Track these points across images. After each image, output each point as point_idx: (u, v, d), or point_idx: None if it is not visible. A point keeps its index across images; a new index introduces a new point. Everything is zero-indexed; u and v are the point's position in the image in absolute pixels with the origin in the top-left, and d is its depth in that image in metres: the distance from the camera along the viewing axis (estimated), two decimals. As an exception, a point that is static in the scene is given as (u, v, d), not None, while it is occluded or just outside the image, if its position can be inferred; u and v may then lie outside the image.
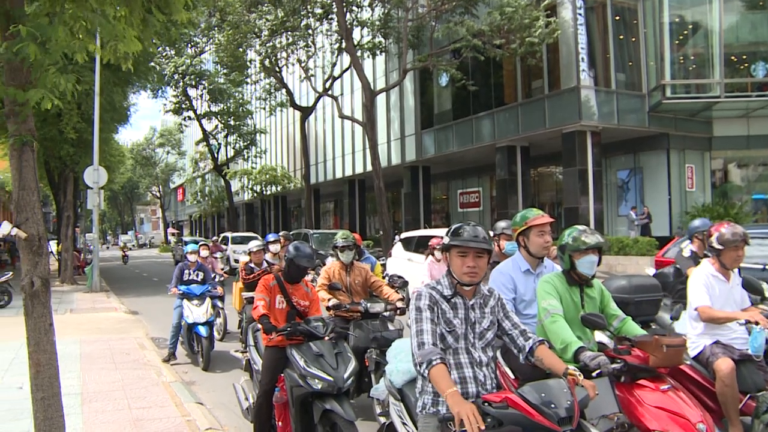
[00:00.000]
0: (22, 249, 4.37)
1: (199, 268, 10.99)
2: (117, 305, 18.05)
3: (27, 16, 4.18)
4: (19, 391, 7.95)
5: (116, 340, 12.06)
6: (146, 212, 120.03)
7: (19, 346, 10.46)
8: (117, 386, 8.35)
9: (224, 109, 46.48)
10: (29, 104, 4.15)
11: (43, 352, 4.47)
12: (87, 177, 22.16)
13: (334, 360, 5.31)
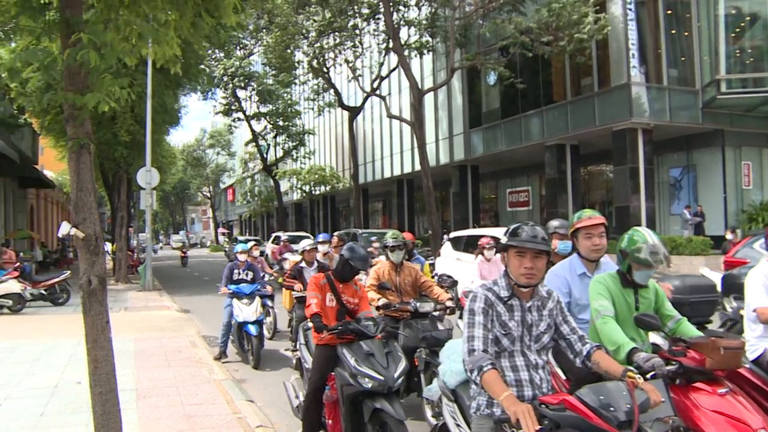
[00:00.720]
0: (80, 248, 4.50)
1: (249, 268, 11.10)
2: (169, 304, 18.38)
3: (85, 24, 4.29)
4: (78, 385, 8.17)
5: (169, 338, 12.28)
6: (197, 212, 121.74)
7: (77, 343, 10.75)
8: (170, 383, 8.52)
9: (273, 110, 46.94)
10: (86, 108, 4.26)
11: (100, 348, 4.59)
12: (140, 178, 22.62)
13: (384, 359, 5.29)
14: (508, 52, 27.38)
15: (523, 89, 28.29)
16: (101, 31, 4.16)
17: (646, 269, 4.42)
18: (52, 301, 17.48)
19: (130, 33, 4.45)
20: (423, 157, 28.64)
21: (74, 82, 4.35)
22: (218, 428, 6.55)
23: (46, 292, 17.43)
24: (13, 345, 11.36)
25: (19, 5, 4.35)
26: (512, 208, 35.70)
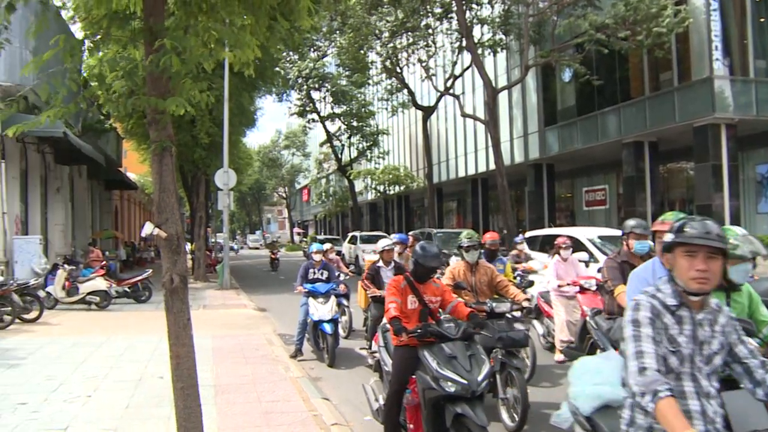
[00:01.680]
0: (162, 248, 4.64)
1: (324, 267, 11.19)
2: (246, 302, 18.76)
3: (166, 30, 4.44)
4: (160, 380, 8.42)
5: (246, 335, 12.54)
6: (273, 212, 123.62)
7: (159, 339, 11.09)
8: (247, 380, 8.70)
9: (347, 110, 47.37)
10: (168, 112, 4.40)
11: (182, 345, 4.73)
12: (218, 179, 23.16)
13: (467, 362, 5.20)
14: (584, 49, 26.86)
15: (599, 86, 27.68)
16: (182, 37, 4.28)
17: (743, 263, 4.11)
18: (135, 298, 18.08)
19: (209, 38, 4.58)
20: (497, 156, 28.40)
21: (156, 87, 4.50)
22: (294, 425, 6.66)
23: (130, 289, 18.05)
24: (100, 340, 11.82)
25: (109, 17, 4.53)
26: (589, 207, 35.01)
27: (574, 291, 9.62)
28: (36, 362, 9.89)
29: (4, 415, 6.97)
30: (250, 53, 4.67)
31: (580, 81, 27.82)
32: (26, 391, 8.01)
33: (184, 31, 4.55)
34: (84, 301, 16.61)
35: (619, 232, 8.08)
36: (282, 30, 5.06)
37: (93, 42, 4.75)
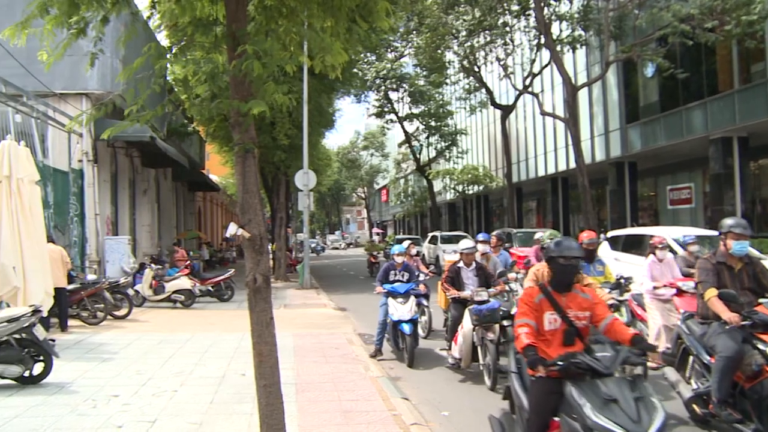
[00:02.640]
0: (246, 248, 4.75)
1: (405, 269, 11.11)
2: (326, 302, 18.98)
3: (248, 35, 4.54)
4: (243, 377, 8.61)
5: (326, 334, 12.69)
6: (352, 213, 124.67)
7: (241, 337, 11.36)
8: (327, 378, 8.80)
9: (425, 110, 47.31)
10: (251, 115, 4.50)
11: (265, 343, 4.82)
12: (298, 180, 23.53)
13: (633, 407, 3.95)
14: (667, 42, 26.02)
15: (683, 80, 26.74)
16: (263, 41, 4.38)
17: None
18: (218, 297, 18.56)
19: (290, 41, 4.66)
20: (578, 155, 27.85)
21: (239, 90, 4.60)
22: (374, 424, 6.70)
23: (213, 288, 18.54)
24: (185, 337, 12.18)
25: (193, 24, 4.67)
26: (673, 206, 33.93)
27: (671, 293, 9.12)
28: (127, 357, 10.28)
29: (99, 405, 7.31)
30: (339, 57, 4.73)
31: (664, 75, 26.90)
32: (118, 384, 8.35)
33: (265, 35, 4.64)
34: (169, 299, 17.15)
35: (706, 232, 7.77)
36: (360, 32, 5.11)
37: (178, 48, 4.91)
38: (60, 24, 4.58)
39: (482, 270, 9.83)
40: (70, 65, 16.52)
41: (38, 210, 11.29)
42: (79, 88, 18.32)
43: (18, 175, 10.61)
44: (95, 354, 10.57)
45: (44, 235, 11.59)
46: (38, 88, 16.67)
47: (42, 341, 8.36)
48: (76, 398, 7.63)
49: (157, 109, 4.87)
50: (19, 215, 10.46)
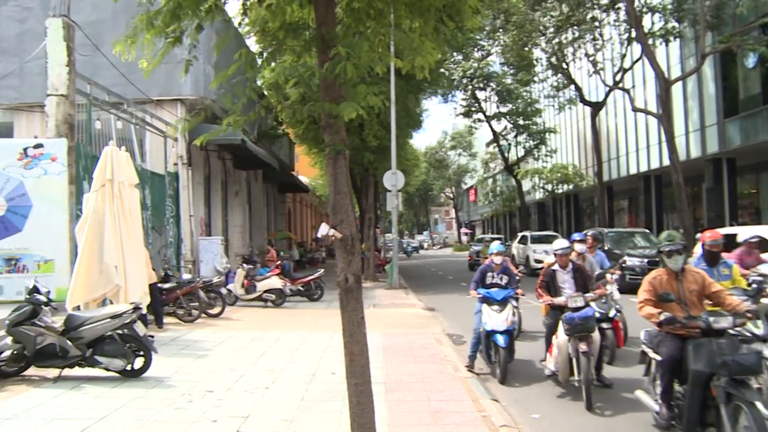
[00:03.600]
0: (337, 248, 4.81)
1: (504, 272, 9.92)
2: (415, 302, 19.00)
3: (338, 38, 4.60)
4: (332, 376, 8.72)
5: (415, 334, 12.70)
6: (440, 213, 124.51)
7: (330, 336, 11.50)
8: (417, 378, 8.80)
9: (513, 109, 46.78)
10: (342, 117, 4.56)
11: (356, 343, 4.87)
12: (386, 181, 23.67)
13: None
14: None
15: (789, 70, 25.46)
16: (354, 43, 4.43)
17: None
18: (308, 296, 18.85)
19: (378, 43, 4.70)
20: (672, 152, 26.92)
21: (330, 92, 4.67)
22: (463, 425, 6.66)
23: (303, 288, 18.83)
24: (277, 335, 12.43)
25: (284, 29, 4.78)
26: (777, 204, 32.41)
27: None
28: (220, 354, 10.57)
29: (195, 400, 7.56)
30: (430, 57, 4.74)
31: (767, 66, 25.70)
32: (212, 380, 8.61)
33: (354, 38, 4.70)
34: (261, 298, 17.54)
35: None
36: (448, 31, 5.11)
37: (269, 53, 5.03)
38: (159, 34, 4.77)
39: (580, 272, 8.92)
40: (165, 73, 17.14)
41: (137, 212, 11.79)
42: (174, 95, 19.00)
43: (119, 179, 11.10)
44: (190, 350, 10.92)
45: (142, 236, 12.08)
46: (137, 96, 17.37)
47: (142, 337, 8.71)
48: (174, 392, 7.91)
49: (250, 114, 5.00)
50: (120, 217, 10.94)
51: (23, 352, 8.54)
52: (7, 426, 6.66)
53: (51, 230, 13.04)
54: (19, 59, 17.83)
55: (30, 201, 13.20)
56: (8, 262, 13.11)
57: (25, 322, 8.52)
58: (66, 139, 13.23)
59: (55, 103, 13.25)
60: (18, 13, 19.27)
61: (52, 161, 13.19)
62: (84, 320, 8.66)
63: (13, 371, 8.66)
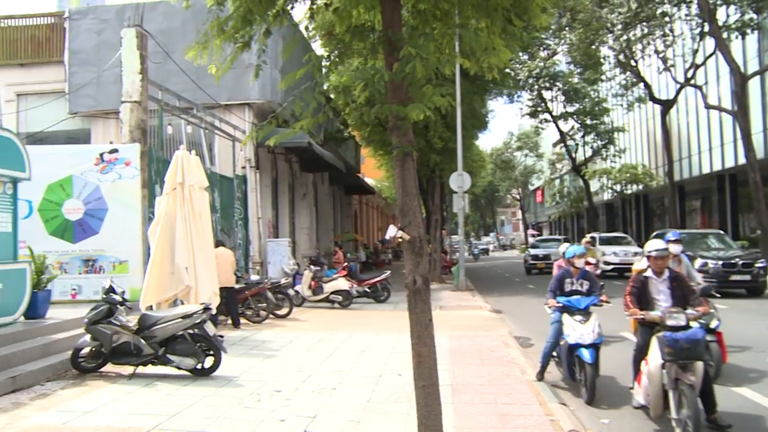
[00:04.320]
0: (405, 250, 4.82)
1: (584, 276, 8.85)
2: (481, 304, 18.87)
3: (404, 40, 4.61)
4: (399, 377, 8.73)
5: (482, 337, 12.61)
6: (506, 214, 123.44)
7: (397, 338, 11.51)
8: (483, 381, 8.73)
9: (580, 108, 45.99)
10: (409, 118, 4.56)
11: (424, 345, 4.87)
12: (452, 182, 23.60)
13: None
14: None
15: None
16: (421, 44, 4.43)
17: None
18: (374, 298, 18.91)
19: (446, 44, 4.69)
20: (749, 149, 26.01)
21: (397, 94, 4.68)
22: (531, 429, 6.58)
23: (370, 289, 18.91)
24: (343, 336, 12.51)
25: (350, 32, 4.81)
26: None
27: None
28: (288, 354, 10.70)
29: (263, 399, 7.67)
30: (503, 55, 4.71)
31: None
32: (280, 380, 8.72)
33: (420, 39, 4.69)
34: (328, 299, 17.69)
35: None
36: (516, 31, 5.06)
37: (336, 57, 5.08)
38: (228, 39, 4.88)
39: (678, 281, 7.16)
40: (234, 77, 17.50)
41: (207, 214, 12.06)
42: (242, 99, 19.38)
43: (189, 182, 11.36)
44: (259, 351, 11.09)
45: (212, 238, 12.35)
46: (206, 101, 17.77)
47: (212, 337, 8.90)
48: (243, 391, 8.05)
49: (318, 117, 5.05)
50: (191, 219, 11.20)
51: (100, 349, 8.90)
52: (87, 419, 6.91)
53: (125, 232, 13.48)
54: (97, 69, 18.53)
55: (106, 204, 13.67)
56: (86, 263, 13.60)
57: (102, 321, 8.85)
58: (139, 144, 13.65)
59: (129, 109, 13.70)
60: (95, 26, 20.00)
61: (126, 165, 13.63)
62: (156, 320, 8.91)
63: (92, 367, 9.02)
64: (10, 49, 20.98)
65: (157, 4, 19.30)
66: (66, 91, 19.90)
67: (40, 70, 20.73)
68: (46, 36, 20.93)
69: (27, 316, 10.42)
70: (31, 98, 20.56)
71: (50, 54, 20.68)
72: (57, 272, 12.74)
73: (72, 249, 13.70)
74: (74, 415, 7.01)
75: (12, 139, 10.51)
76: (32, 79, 20.76)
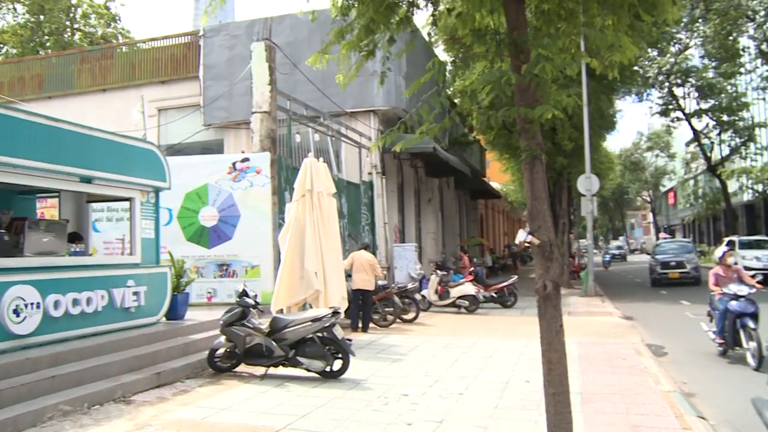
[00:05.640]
0: (535, 255, 4.75)
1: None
2: (612, 310, 18.30)
3: (529, 41, 4.55)
4: (527, 384, 8.60)
5: (612, 344, 12.22)
6: (636, 217, 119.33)
7: (525, 344, 11.37)
8: (615, 390, 8.45)
9: (715, 105, 43.69)
10: (537, 121, 4.50)
11: (554, 351, 4.77)
12: (580, 185, 23.05)
13: None
14: None
15: None
16: (548, 45, 4.36)
17: None
18: (501, 303, 18.74)
19: (570, 43, 4.59)
20: None
21: (524, 97, 4.63)
22: (668, 441, 6.32)
23: (496, 295, 18.75)
24: (470, 342, 12.46)
25: (473, 35, 4.81)
26: None
27: None
28: (415, 359, 10.77)
29: (391, 403, 7.76)
30: (629, 52, 4.58)
31: None
32: (407, 384, 8.79)
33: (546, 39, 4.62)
34: (454, 304, 17.68)
35: None
36: (645, 27, 4.89)
37: (461, 61, 5.09)
38: (353, 48, 4.99)
39: None
40: (358, 85, 17.83)
41: (335, 220, 12.35)
42: (366, 106, 19.70)
43: (318, 189, 11.67)
44: (386, 354, 11.22)
45: (340, 243, 12.63)
46: (332, 109, 18.21)
47: (341, 340, 9.08)
48: (370, 395, 8.16)
49: (444, 122, 5.08)
50: (320, 225, 11.50)
51: (234, 350, 9.29)
52: (223, 415, 7.25)
53: (257, 238, 14.02)
54: (228, 82, 19.42)
55: (238, 211, 14.26)
56: (220, 267, 14.23)
57: (236, 323, 9.24)
58: (269, 153, 14.16)
59: (259, 119, 14.24)
60: (227, 41, 20.99)
61: (257, 174, 14.16)
62: (287, 323, 9.20)
63: (226, 367, 9.44)
64: (152, 68, 22.52)
65: (284, 18, 19.98)
66: (201, 104, 20.98)
67: (178, 86, 22.00)
68: (183, 54, 22.24)
69: (168, 317, 11.02)
70: (171, 112, 21.85)
71: (187, 70, 21.92)
72: (194, 276, 13.38)
73: (207, 254, 14.38)
74: (212, 412, 7.36)
75: (155, 152, 11.17)
76: (171, 94, 22.07)
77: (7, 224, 9.52)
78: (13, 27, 39.38)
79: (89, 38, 39.78)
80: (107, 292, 9.61)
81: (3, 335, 7.85)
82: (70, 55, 25.44)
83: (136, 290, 10.17)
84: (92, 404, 7.46)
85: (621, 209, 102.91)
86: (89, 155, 9.49)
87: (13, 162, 8.12)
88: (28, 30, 39.02)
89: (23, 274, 8.33)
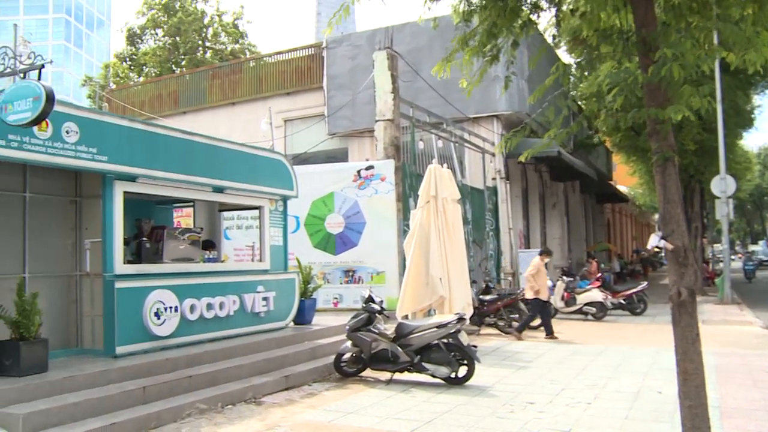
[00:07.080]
0: (669, 260, 4.57)
1: None
2: (751, 319, 17.26)
3: (659, 38, 4.39)
4: (659, 395, 8.27)
5: (752, 355, 11.53)
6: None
7: (656, 352, 10.97)
8: (758, 405, 7.95)
9: None
10: (669, 121, 4.34)
11: (690, 361, 4.57)
12: (714, 187, 21.92)
13: None
14: None
15: None
16: (677, 43, 4.19)
17: None
18: (630, 310, 18.11)
19: (705, 38, 4.39)
20: None
21: (654, 97, 4.47)
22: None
23: (625, 301, 18.14)
24: (598, 349, 12.12)
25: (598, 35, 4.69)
26: None
27: None
28: (540, 366, 10.58)
29: (516, 411, 7.64)
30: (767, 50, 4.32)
31: None
32: (533, 391, 8.64)
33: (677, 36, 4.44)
34: (581, 311, 17.25)
35: None
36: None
37: (586, 62, 4.97)
38: (476, 53, 4.98)
39: None
40: (481, 90, 17.71)
41: (460, 226, 12.35)
42: (489, 111, 19.59)
43: (442, 195, 11.71)
44: (511, 361, 11.08)
45: (464, 249, 12.61)
46: (455, 115, 18.21)
47: (466, 347, 9.05)
48: (496, 402, 8.08)
49: (572, 126, 4.98)
50: (444, 231, 11.54)
51: (360, 355, 9.44)
52: (349, 419, 7.37)
53: (382, 244, 14.22)
54: (351, 92, 19.83)
55: (363, 218, 14.52)
56: (346, 273, 14.53)
57: (362, 329, 9.39)
58: (393, 160, 14.34)
59: (383, 127, 14.45)
60: (350, 52, 21.44)
61: (381, 181, 14.37)
62: (413, 329, 9.26)
63: (353, 372, 9.60)
64: (279, 80, 23.36)
65: (405, 26, 20.17)
66: (325, 114, 21.53)
67: (303, 96, 22.68)
68: (307, 66, 22.93)
69: (296, 321, 11.36)
70: (296, 123, 22.56)
71: (311, 81, 22.57)
72: (321, 282, 13.72)
73: (334, 260, 14.72)
74: (338, 415, 7.50)
75: (282, 161, 11.56)
76: (297, 105, 22.78)
77: (148, 233, 10.11)
78: (154, 49, 41.87)
79: (219, 55, 41.69)
80: (238, 297, 10.02)
81: (146, 336, 8.37)
82: (202, 72, 26.82)
83: (265, 296, 10.55)
84: (225, 404, 7.80)
85: (761, 212, 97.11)
86: (221, 166, 9.95)
87: (153, 174, 8.67)
88: (166, 51, 41.38)
89: (163, 279, 8.86)
